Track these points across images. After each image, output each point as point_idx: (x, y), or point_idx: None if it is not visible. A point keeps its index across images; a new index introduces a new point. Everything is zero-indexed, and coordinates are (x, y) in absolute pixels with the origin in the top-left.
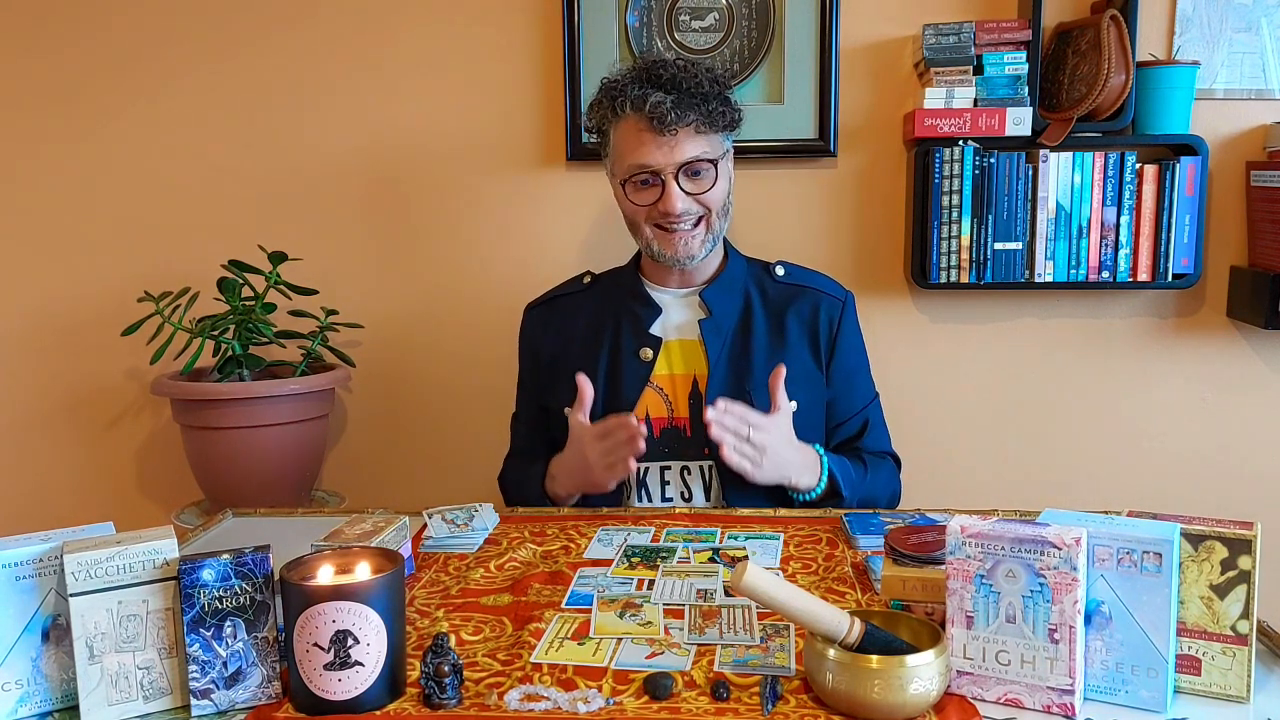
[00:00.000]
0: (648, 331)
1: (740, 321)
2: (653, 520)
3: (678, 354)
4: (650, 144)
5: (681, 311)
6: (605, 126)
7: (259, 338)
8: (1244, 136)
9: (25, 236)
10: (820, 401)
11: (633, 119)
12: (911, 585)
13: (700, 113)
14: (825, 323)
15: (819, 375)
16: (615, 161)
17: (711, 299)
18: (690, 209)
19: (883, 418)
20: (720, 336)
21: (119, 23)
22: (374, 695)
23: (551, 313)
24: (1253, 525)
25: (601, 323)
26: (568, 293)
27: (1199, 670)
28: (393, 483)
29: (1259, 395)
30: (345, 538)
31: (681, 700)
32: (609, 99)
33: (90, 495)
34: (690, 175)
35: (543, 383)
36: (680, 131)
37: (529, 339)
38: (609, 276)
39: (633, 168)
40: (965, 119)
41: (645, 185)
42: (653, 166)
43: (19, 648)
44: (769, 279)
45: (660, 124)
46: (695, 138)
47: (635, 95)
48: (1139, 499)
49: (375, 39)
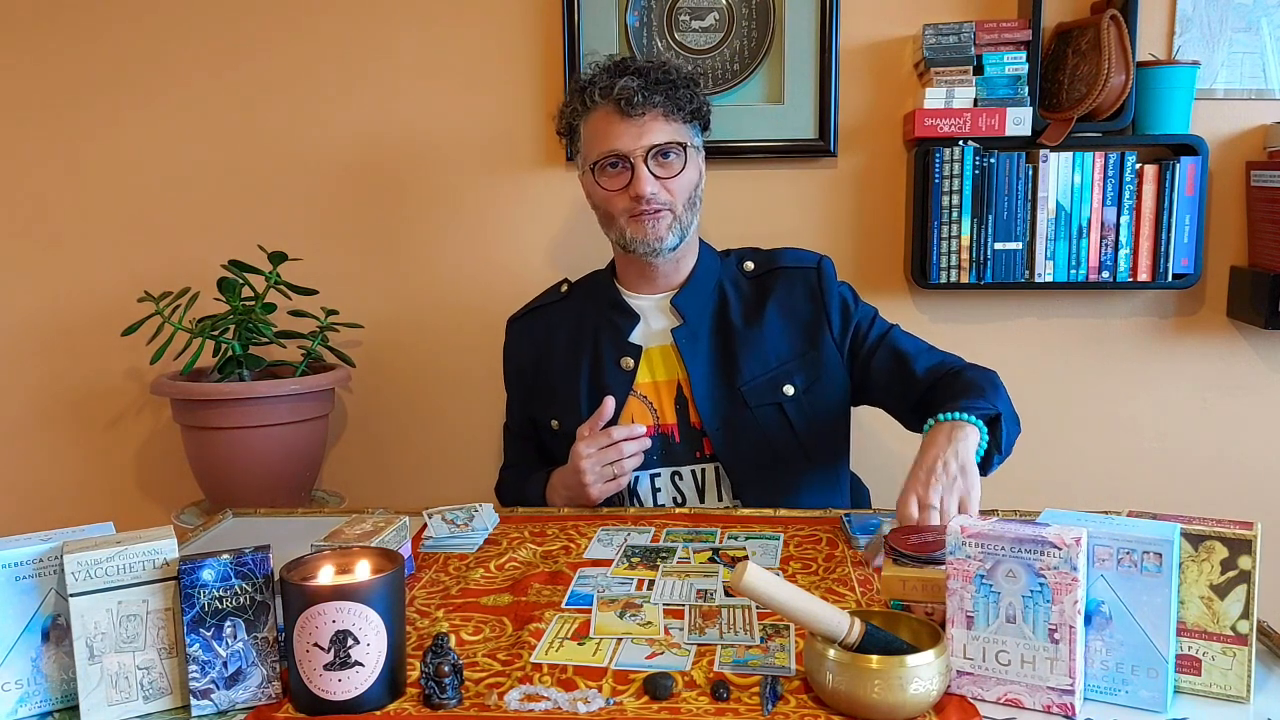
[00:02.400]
0: (628, 340)
1: (715, 323)
2: (653, 520)
3: (658, 361)
4: (619, 127)
5: (658, 319)
6: (575, 122)
7: (259, 338)
8: (1244, 136)
9: (25, 236)
10: (824, 378)
11: (602, 108)
12: (911, 585)
13: (667, 96)
14: (806, 297)
15: (814, 353)
16: (586, 151)
17: (683, 305)
18: (659, 194)
19: (918, 339)
20: (696, 341)
21: (119, 23)
22: (374, 695)
23: (533, 324)
24: (1253, 525)
25: (582, 333)
26: (547, 303)
27: (1199, 670)
28: (393, 483)
29: (1259, 395)
30: (345, 538)
31: (681, 700)
32: (578, 93)
33: (90, 495)
34: (659, 159)
35: (529, 395)
36: (648, 114)
37: (513, 352)
38: (586, 283)
39: (602, 153)
40: (965, 119)
41: (614, 169)
42: (621, 150)
43: (19, 648)
44: (741, 274)
45: (629, 106)
46: (663, 122)
47: (604, 84)
48: (1139, 499)
49: (375, 40)
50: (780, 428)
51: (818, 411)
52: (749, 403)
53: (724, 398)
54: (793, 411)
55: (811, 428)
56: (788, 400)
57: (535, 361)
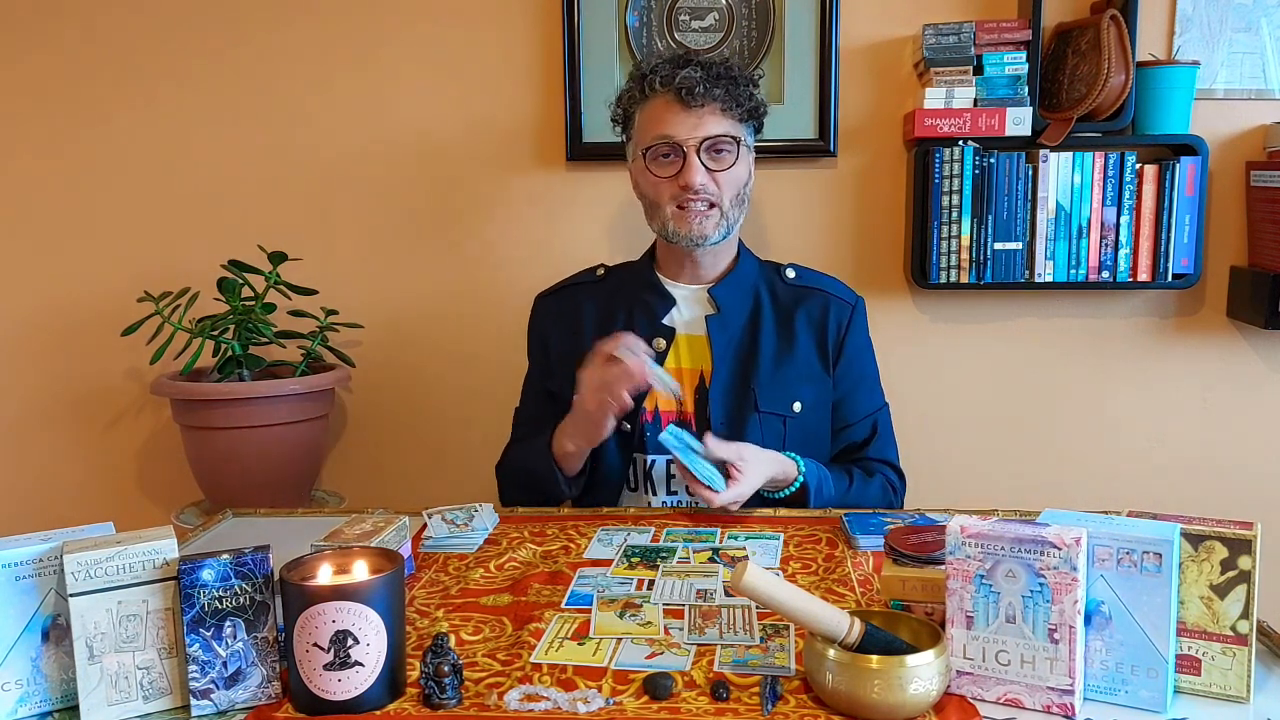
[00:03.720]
0: (661, 322)
1: (749, 320)
2: (653, 520)
3: (685, 348)
4: (677, 116)
5: (691, 307)
6: (632, 109)
7: (259, 338)
8: (1244, 136)
9: (26, 236)
10: (826, 403)
11: (661, 96)
12: (911, 585)
13: (727, 91)
14: (834, 325)
15: (825, 377)
16: (639, 136)
17: (720, 296)
18: (708, 186)
19: (891, 428)
20: (727, 334)
21: (118, 22)
22: (374, 695)
23: (562, 302)
24: (1253, 525)
25: (613, 313)
26: (579, 283)
27: (1199, 670)
28: (393, 483)
29: (1259, 395)
30: (345, 538)
31: (681, 700)
32: (638, 80)
33: (90, 495)
34: (712, 153)
35: (551, 370)
36: (706, 106)
37: (539, 327)
38: (623, 269)
39: (656, 138)
40: (965, 119)
41: (666, 159)
42: (676, 138)
43: (19, 648)
44: (780, 280)
45: (689, 95)
46: (720, 117)
47: (665, 73)
48: (1139, 499)
49: (375, 39)
50: (776, 441)
51: (809, 436)
52: (759, 406)
53: (737, 394)
54: (792, 428)
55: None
56: (792, 416)
57: (561, 337)
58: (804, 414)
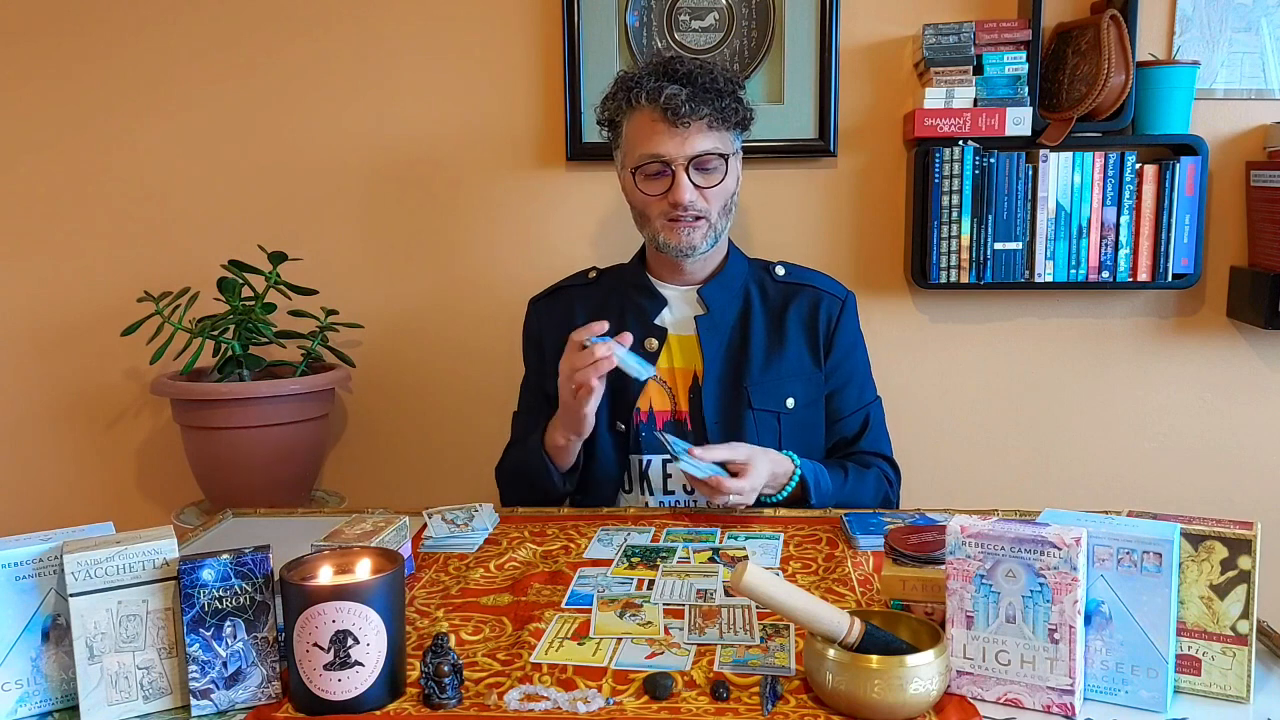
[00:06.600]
0: (653, 323)
1: (738, 319)
2: (653, 520)
3: (678, 348)
4: (663, 134)
5: (682, 307)
6: (618, 118)
7: (259, 338)
8: (1244, 136)
9: (26, 237)
10: (819, 400)
11: (647, 110)
12: (911, 585)
13: (713, 108)
14: (824, 319)
15: (817, 373)
16: (627, 151)
17: (710, 296)
18: (697, 202)
19: (883, 421)
20: (716, 333)
21: (118, 23)
22: (374, 695)
23: (555, 304)
24: (1253, 525)
25: (606, 314)
26: (572, 285)
27: (1199, 670)
28: (393, 483)
29: (1259, 395)
30: (345, 538)
31: (681, 700)
32: (624, 90)
33: (90, 495)
34: (700, 169)
35: (547, 373)
36: (693, 124)
37: (533, 330)
38: (614, 271)
39: (644, 156)
40: (965, 119)
41: (656, 176)
42: (665, 156)
43: (19, 648)
44: (769, 278)
45: (674, 115)
46: (707, 132)
47: (651, 87)
48: (1139, 499)
49: (375, 39)
50: (771, 437)
51: (803, 432)
52: (753, 403)
53: (730, 392)
54: (786, 424)
55: (798, 449)
56: (785, 413)
57: (555, 339)
58: (797, 410)
